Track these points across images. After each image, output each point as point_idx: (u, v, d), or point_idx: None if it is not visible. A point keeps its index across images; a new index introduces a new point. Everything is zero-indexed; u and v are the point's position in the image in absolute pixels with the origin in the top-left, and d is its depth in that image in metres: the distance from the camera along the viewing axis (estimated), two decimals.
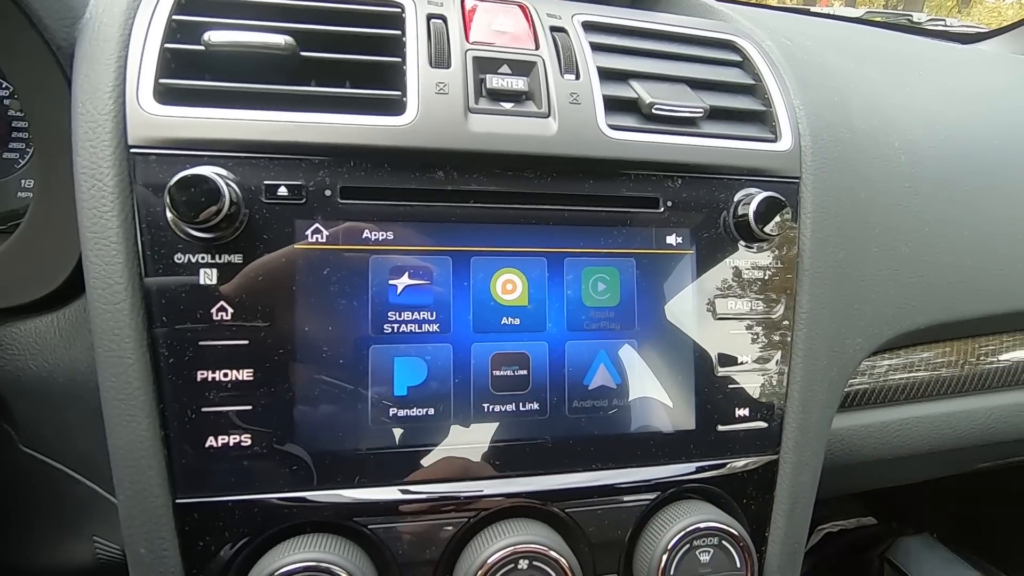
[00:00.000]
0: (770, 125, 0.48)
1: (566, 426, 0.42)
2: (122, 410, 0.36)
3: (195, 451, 0.37)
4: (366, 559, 0.38)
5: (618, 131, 0.43)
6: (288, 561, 0.36)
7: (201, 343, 0.37)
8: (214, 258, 0.37)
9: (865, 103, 0.55)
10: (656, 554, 0.41)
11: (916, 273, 0.52)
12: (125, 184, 0.37)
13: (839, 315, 0.48)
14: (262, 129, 0.38)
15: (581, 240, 0.43)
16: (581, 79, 0.44)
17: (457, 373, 0.40)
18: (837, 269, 0.48)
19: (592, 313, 0.42)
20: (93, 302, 0.36)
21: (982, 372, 0.60)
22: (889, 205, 0.52)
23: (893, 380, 0.57)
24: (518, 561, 0.39)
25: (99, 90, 0.37)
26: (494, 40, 0.44)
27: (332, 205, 0.39)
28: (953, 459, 0.63)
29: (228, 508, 0.38)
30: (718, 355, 0.45)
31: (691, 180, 0.45)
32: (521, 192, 0.42)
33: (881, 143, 0.53)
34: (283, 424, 0.38)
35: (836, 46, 0.65)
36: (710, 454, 0.45)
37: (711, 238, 0.45)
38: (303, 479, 0.38)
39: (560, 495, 0.42)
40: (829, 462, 0.51)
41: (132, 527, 0.37)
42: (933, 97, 0.63)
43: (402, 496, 0.40)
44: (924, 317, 0.53)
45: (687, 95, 0.46)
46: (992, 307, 0.57)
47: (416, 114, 0.40)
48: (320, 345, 0.38)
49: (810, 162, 0.47)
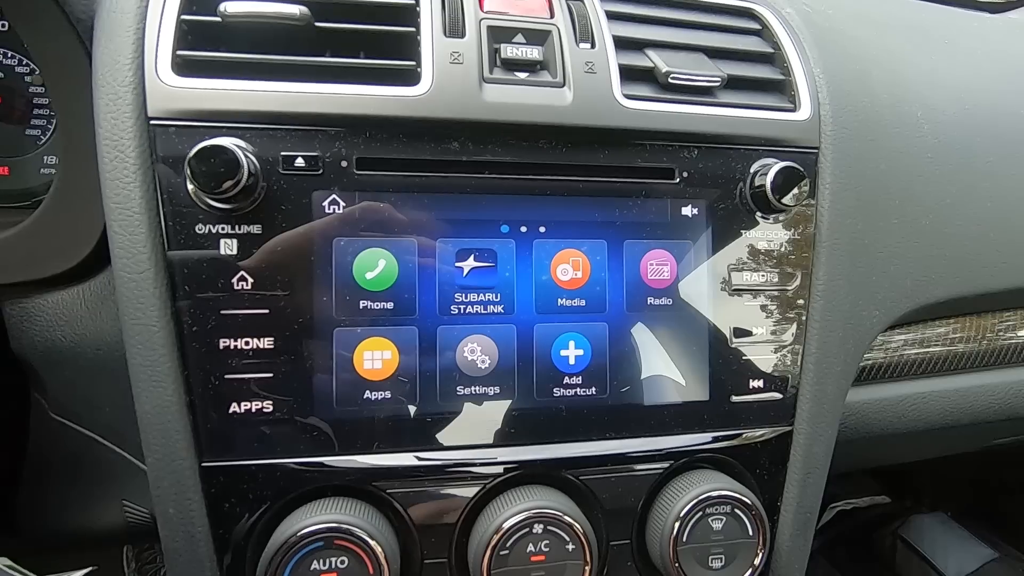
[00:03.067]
0: (789, 94, 0.47)
1: (581, 395, 0.42)
2: (148, 376, 0.37)
3: (219, 416, 0.38)
4: (385, 522, 0.40)
5: (634, 100, 0.43)
6: (310, 522, 0.37)
7: (223, 312, 0.38)
8: (234, 228, 0.38)
9: (887, 72, 0.54)
10: (669, 521, 0.42)
11: (936, 245, 0.52)
12: (146, 155, 0.37)
13: (856, 287, 0.48)
14: (278, 100, 0.38)
15: (596, 211, 0.42)
16: (596, 48, 0.43)
17: (474, 338, 0.41)
18: (855, 241, 0.47)
19: (607, 286, 0.43)
20: (118, 272, 0.37)
21: (1000, 347, 0.60)
22: (910, 176, 0.51)
23: (908, 355, 0.56)
24: (533, 526, 0.39)
25: (118, 62, 0.37)
26: (508, 9, 0.44)
27: (348, 176, 0.39)
28: (969, 434, 0.63)
29: (252, 471, 0.39)
30: (733, 327, 0.45)
31: (707, 150, 0.44)
32: (536, 163, 0.42)
33: (903, 113, 0.52)
34: (303, 391, 0.39)
35: (858, 14, 0.63)
36: (724, 424, 0.45)
37: (727, 209, 0.45)
38: (323, 445, 0.39)
39: (575, 463, 0.43)
40: (843, 436, 0.51)
41: (161, 489, 0.38)
42: (958, 66, 0.61)
43: (419, 462, 0.41)
44: (943, 290, 0.52)
45: (704, 64, 0.45)
46: (1014, 280, 0.56)
47: (431, 84, 0.40)
48: (339, 312, 0.39)
49: (829, 132, 0.47)
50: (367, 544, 0.37)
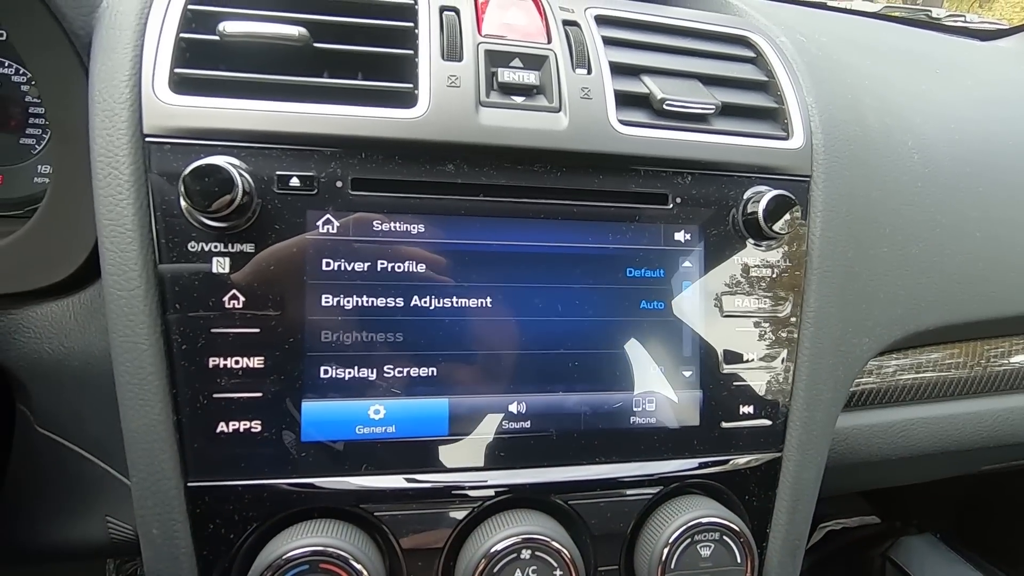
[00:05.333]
0: (782, 123, 0.48)
1: (570, 419, 0.42)
2: (136, 394, 0.37)
3: (206, 436, 0.38)
4: (372, 545, 0.39)
5: (629, 127, 0.43)
6: (296, 545, 0.37)
7: (213, 330, 0.38)
8: (227, 247, 0.38)
9: (879, 101, 0.55)
10: (657, 547, 0.42)
11: (926, 274, 0.52)
12: (140, 172, 0.37)
13: (847, 315, 0.48)
14: (275, 120, 0.38)
15: (590, 236, 0.43)
16: (593, 74, 0.44)
17: (464, 365, 0.41)
18: (846, 268, 0.48)
19: (597, 308, 0.43)
20: (108, 288, 0.37)
21: (991, 374, 0.60)
22: (900, 205, 0.51)
23: (901, 380, 0.57)
24: (521, 551, 0.39)
25: (115, 79, 0.38)
26: (506, 33, 0.44)
27: (343, 196, 0.39)
28: (958, 460, 0.63)
29: (238, 492, 0.38)
30: (724, 352, 0.45)
31: (701, 177, 0.45)
32: (531, 187, 0.42)
33: (894, 142, 0.53)
34: (292, 412, 0.38)
35: (851, 42, 0.64)
36: (713, 450, 0.45)
37: (720, 235, 0.45)
38: (311, 466, 0.39)
39: (563, 487, 0.43)
40: (833, 461, 0.51)
41: (145, 508, 0.38)
42: (948, 96, 0.62)
43: (408, 484, 0.40)
44: (933, 318, 0.53)
45: (699, 91, 0.46)
46: (1002, 310, 0.57)
47: (427, 107, 0.40)
48: (329, 334, 0.39)
49: (821, 160, 0.47)
50: (353, 568, 0.37)
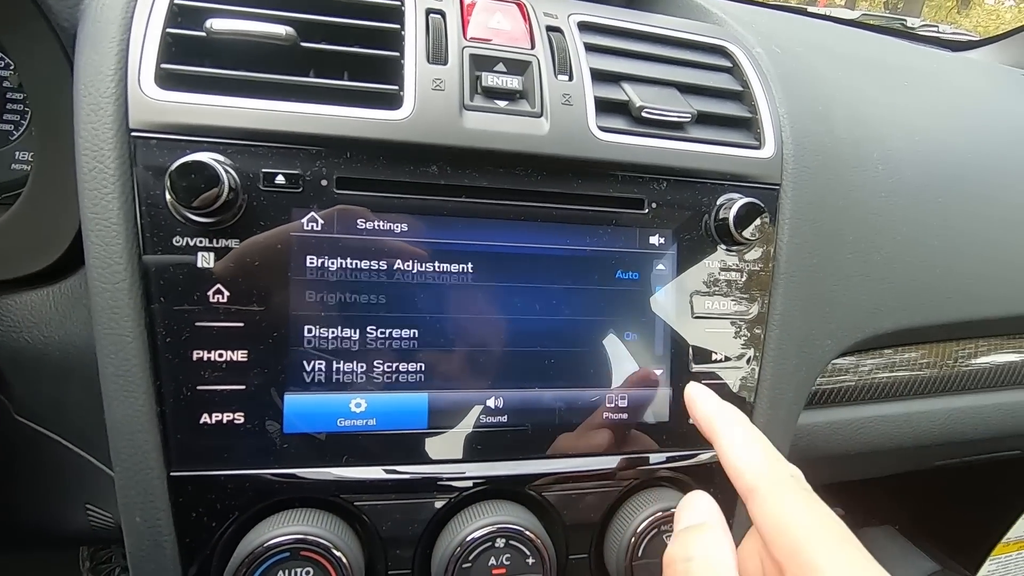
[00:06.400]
0: (755, 132, 0.50)
1: (546, 414, 0.44)
2: (120, 386, 0.38)
3: (189, 427, 0.39)
4: (351, 534, 0.41)
5: (608, 133, 0.44)
6: (277, 533, 0.38)
7: (197, 324, 0.38)
8: (212, 242, 0.38)
9: (849, 113, 0.57)
10: (626, 537, 0.44)
11: (886, 280, 0.55)
12: (126, 167, 0.38)
13: (810, 318, 0.50)
14: (262, 118, 0.39)
15: (568, 238, 0.44)
16: (574, 80, 0.45)
17: (444, 361, 0.42)
18: (811, 274, 0.50)
19: (574, 308, 0.44)
20: (93, 281, 0.37)
21: (947, 375, 0.63)
22: (865, 214, 0.54)
23: (869, 380, 0.60)
24: (495, 539, 0.41)
25: (101, 73, 0.38)
26: (491, 37, 0.45)
27: (328, 195, 0.40)
28: (913, 456, 0.67)
29: (220, 482, 0.39)
30: (694, 352, 0.47)
31: (676, 183, 0.46)
32: (512, 189, 0.43)
33: (861, 153, 0.55)
34: (274, 404, 0.39)
35: (826, 52, 0.66)
36: (681, 445, 0.47)
37: (692, 240, 0.47)
38: (293, 457, 0.40)
39: (537, 479, 0.44)
40: (795, 456, 0.53)
41: (128, 497, 0.38)
42: (915, 108, 0.65)
43: (387, 476, 0.42)
44: (891, 322, 0.55)
45: (676, 100, 0.47)
46: (958, 314, 0.60)
47: (412, 109, 0.41)
48: (312, 329, 0.40)
49: (791, 170, 0.49)
50: (332, 555, 0.38)
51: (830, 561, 0.26)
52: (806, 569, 0.26)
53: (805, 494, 0.29)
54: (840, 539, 0.27)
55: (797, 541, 0.27)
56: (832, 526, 0.28)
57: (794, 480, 0.30)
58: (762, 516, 0.29)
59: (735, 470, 0.32)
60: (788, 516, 0.28)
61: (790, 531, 0.28)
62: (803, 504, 0.28)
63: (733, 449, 0.33)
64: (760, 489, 0.30)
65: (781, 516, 0.28)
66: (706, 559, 0.29)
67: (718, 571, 0.29)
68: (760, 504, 0.30)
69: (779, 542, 0.28)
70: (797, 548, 0.27)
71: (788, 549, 0.27)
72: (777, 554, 0.28)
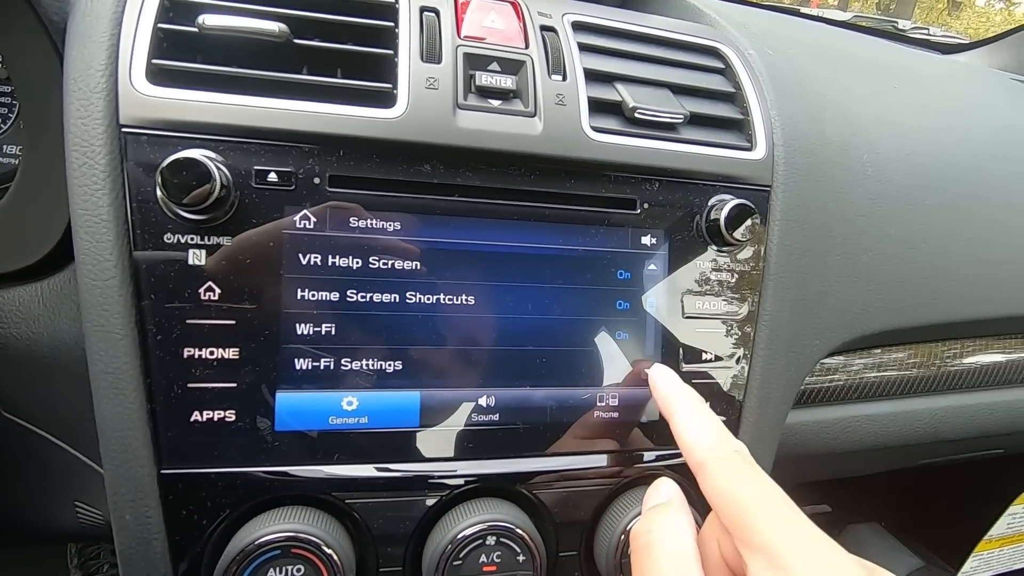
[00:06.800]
0: (746, 134, 0.50)
1: (537, 413, 0.44)
2: (110, 383, 0.37)
3: (180, 424, 0.39)
4: (343, 532, 0.41)
5: (601, 133, 0.45)
6: (268, 531, 0.38)
7: (188, 321, 0.38)
8: (204, 239, 0.38)
9: (839, 115, 0.57)
10: (615, 534, 0.44)
11: (874, 281, 0.55)
12: (116, 163, 0.37)
13: (799, 318, 0.51)
14: (254, 115, 0.39)
15: (560, 237, 0.44)
16: (568, 80, 0.45)
17: (436, 360, 0.42)
18: (800, 275, 0.51)
19: (565, 307, 0.45)
20: (83, 278, 0.37)
21: (934, 375, 0.64)
22: (854, 216, 0.55)
23: (857, 380, 0.60)
24: (486, 537, 0.41)
25: (91, 68, 0.37)
26: (485, 36, 0.45)
27: (320, 193, 0.40)
28: (899, 455, 0.68)
29: (211, 479, 0.39)
30: (684, 351, 0.48)
31: (668, 184, 0.47)
32: (505, 188, 0.43)
33: (851, 156, 0.56)
34: (266, 402, 0.39)
35: (818, 54, 0.67)
36: (671, 443, 0.47)
37: (684, 240, 0.47)
38: (284, 455, 0.40)
39: (528, 477, 0.45)
40: (783, 454, 0.54)
41: (118, 495, 0.38)
42: (905, 110, 0.66)
43: (379, 473, 0.42)
44: (878, 323, 0.56)
45: (669, 101, 0.48)
46: (944, 315, 0.61)
47: (406, 108, 0.41)
48: (304, 327, 0.40)
49: (781, 171, 0.50)
50: (323, 553, 0.38)
51: (771, 525, 0.28)
52: (748, 532, 0.29)
53: (748, 467, 0.32)
54: (779, 505, 0.29)
55: (740, 509, 0.30)
56: (771, 494, 0.30)
57: (738, 455, 0.33)
58: (710, 488, 0.32)
59: (686, 447, 0.35)
60: (732, 487, 0.31)
61: (734, 500, 0.30)
62: (745, 476, 0.31)
63: (686, 428, 0.36)
64: (707, 464, 0.33)
65: (726, 487, 0.31)
66: (666, 531, 0.32)
67: (677, 542, 0.32)
68: (707, 478, 0.32)
69: (725, 511, 0.30)
70: (741, 515, 0.29)
71: (734, 517, 0.30)
72: (726, 523, 0.30)
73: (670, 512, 0.34)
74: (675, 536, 0.32)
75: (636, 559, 0.33)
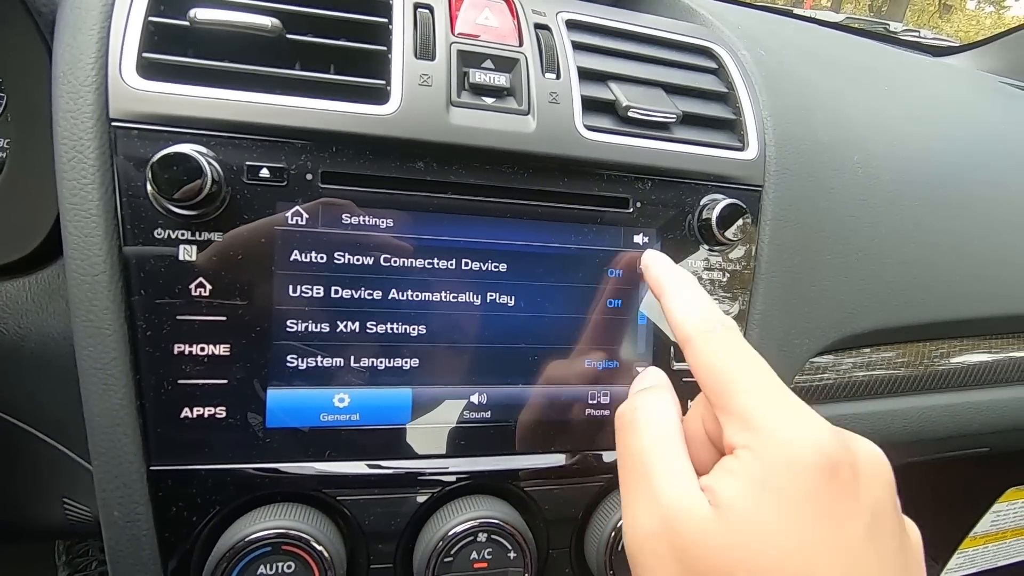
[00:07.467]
0: (739, 134, 0.50)
1: (529, 410, 0.44)
2: (99, 379, 0.37)
3: (170, 421, 0.38)
4: (334, 528, 0.41)
5: (594, 132, 0.45)
6: (258, 528, 0.38)
7: (179, 317, 0.38)
8: (194, 235, 0.38)
9: (830, 116, 0.58)
10: (606, 531, 0.44)
11: (863, 281, 0.56)
12: (106, 157, 0.37)
13: (790, 317, 0.51)
14: (246, 110, 0.39)
15: (553, 236, 0.44)
16: (561, 79, 0.45)
17: (428, 357, 0.42)
18: (791, 274, 0.51)
19: (558, 305, 0.45)
20: (71, 272, 0.37)
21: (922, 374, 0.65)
22: (844, 216, 0.55)
23: (847, 379, 0.61)
24: (477, 534, 0.41)
25: (80, 61, 0.37)
26: (479, 33, 0.45)
27: (313, 189, 0.40)
28: (889, 453, 0.68)
29: (201, 476, 0.39)
30: (675, 350, 0.48)
31: (660, 183, 0.47)
32: (498, 186, 0.43)
33: (841, 156, 0.56)
34: (256, 399, 0.39)
35: (810, 55, 0.67)
36: None
37: (676, 239, 0.47)
38: (275, 451, 0.40)
39: (520, 475, 0.45)
40: None
41: (106, 491, 0.38)
42: (895, 113, 0.66)
43: (370, 470, 0.42)
44: (868, 322, 0.57)
45: (662, 100, 0.48)
46: (932, 315, 0.61)
47: (399, 104, 0.41)
48: (295, 323, 0.40)
49: (773, 172, 0.50)
50: (314, 549, 0.38)
51: (748, 392, 0.29)
52: (727, 399, 0.29)
53: (735, 341, 0.32)
54: (761, 375, 0.30)
55: (724, 381, 0.30)
56: (755, 365, 0.30)
57: (725, 328, 0.33)
58: (695, 362, 0.32)
59: (675, 322, 0.35)
60: (717, 360, 0.31)
61: (719, 373, 0.30)
62: (731, 349, 0.31)
63: (675, 305, 0.36)
64: (694, 338, 0.33)
65: (711, 360, 0.31)
66: (652, 408, 0.33)
67: (662, 418, 0.32)
68: (694, 352, 0.32)
69: (709, 383, 0.31)
70: (723, 386, 0.30)
71: (716, 388, 0.30)
72: (709, 395, 0.31)
73: (656, 392, 0.34)
74: (660, 412, 0.32)
75: (620, 436, 0.33)
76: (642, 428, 0.32)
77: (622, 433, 0.33)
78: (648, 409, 0.32)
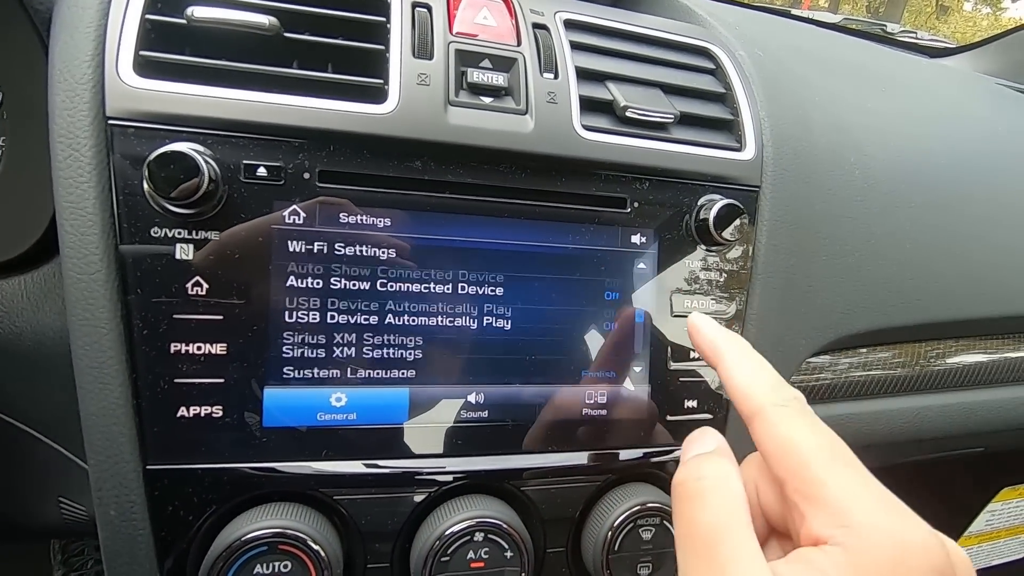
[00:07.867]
0: (736, 134, 0.51)
1: (526, 410, 0.45)
2: (95, 378, 0.37)
3: (166, 420, 0.38)
4: (330, 528, 0.41)
5: (592, 132, 0.45)
6: (255, 527, 0.38)
7: (175, 316, 0.38)
8: (191, 234, 0.38)
9: (827, 117, 0.58)
10: (603, 531, 0.45)
11: (859, 282, 0.56)
12: (103, 155, 0.37)
13: (786, 318, 0.52)
14: (243, 109, 0.38)
15: (550, 235, 0.44)
16: (559, 79, 0.45)
17: (425, 356, 0.42)
18: (787, 275, 0.51)
19: (555, 305, 0.45)
20: (68, 271, 0.37)
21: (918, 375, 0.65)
22: (840, 217, 0.55)
23: (843, 379, 0.61)
24: (474, 534, 0.41)
25: (78, 58, 0.37)
26: (477, 33, 0.45)
27: (310, 188, 0.40)
28: (881, 453, 0.69)
29: (197, 475, 0.39)
30: (672, 350, 0.48)
31: (658, 183, 0.47)
32: (495, 186, 0.43)
33: (838, 157, 0.56)
34: (253, 398, 0.39)
35: (807, 56, 0.68)
36: (657, 442, 0.48)
37: (673, 239, 0.48)
38: (272, 451, 0.40)
39: (517, 474, 0.45)
40: None
41: (103, 491, 0.38)
42: (891, 113, 0.66)
43: (367, 470, 0.42)
44: (863, 323, 0.57)
45: (660, 100, 0.48)
46: (927, 316, 0.62)
47: (397, 103, 0.41)
48: (292, 322, 0.40)
49: (770, 172, 0.50)
50: (311, 549, 0.38)
51: (835, 476, 0.27)
52: (810, 484, 0.27)
53: (810, 417, 0.30)
54: (846, 459, 0.28)
55: (803, 459, 0.28)
56: (837, 447, 0.29)
57: (798, 402, 0.31)
58: (767, 437, 0.30)
59: (740, 393, 0.33)
60: (794, 436, 0.29)
61: (796, 450, 0.28)
62: (809, 425, 0.29)
63: (739, 374, 0.33)
64: (765, 410, 0.31)
65: (787, 436, 0.29)
66: (718, 478, 0.30)
67: (730, 489, 0.29)
68: (764, 425, 0.30)
69: (785, 461, 0.29)
70: (803, 465, 0.28)
71: (794, 466, 0.28)
72: (782, 472, 0.29)
73: (720, 458, 0.31)
74: (729, 487, 0.29)
75: (682, 507, 0.30)
76: (710, 500, 0.29)
77: (684, 505, 0.30)
78: (715, 479, 0.30)
